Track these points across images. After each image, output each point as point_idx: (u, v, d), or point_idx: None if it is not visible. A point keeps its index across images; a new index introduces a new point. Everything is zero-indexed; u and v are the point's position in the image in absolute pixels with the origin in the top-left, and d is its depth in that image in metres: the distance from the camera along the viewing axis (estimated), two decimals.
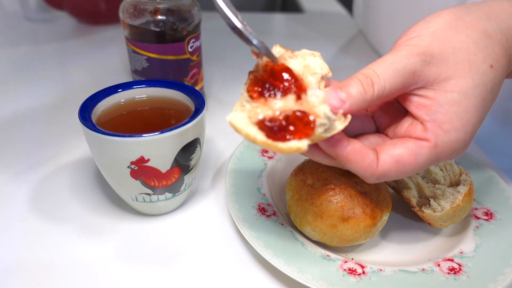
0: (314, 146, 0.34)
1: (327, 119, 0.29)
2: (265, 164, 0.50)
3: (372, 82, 0.30)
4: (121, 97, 0.44)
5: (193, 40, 0.56)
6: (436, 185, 0.42)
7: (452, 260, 0.39)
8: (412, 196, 0.42)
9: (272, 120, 0.30)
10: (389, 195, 0.41)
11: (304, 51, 0.35)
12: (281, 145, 0.28)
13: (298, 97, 0.31)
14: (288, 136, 0.29)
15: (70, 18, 0.96)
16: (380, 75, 0.31)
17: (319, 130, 0.29)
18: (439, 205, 0.40)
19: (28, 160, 0.53)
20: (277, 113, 0.30)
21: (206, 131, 0.44)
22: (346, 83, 0.31)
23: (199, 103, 0.41)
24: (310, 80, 0.32)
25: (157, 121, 0.45)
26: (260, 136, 0.29)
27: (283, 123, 0.29)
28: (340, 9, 1.15)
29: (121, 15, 0.55)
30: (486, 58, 0.31)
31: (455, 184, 0.42)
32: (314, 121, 0.29)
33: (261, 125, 0.29)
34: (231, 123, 0.29)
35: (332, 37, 0.95)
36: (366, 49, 0.89)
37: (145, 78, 0.57)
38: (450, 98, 0.31)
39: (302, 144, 0.28)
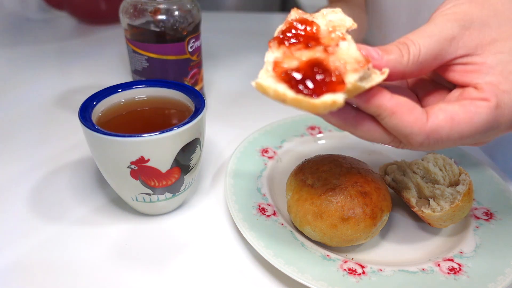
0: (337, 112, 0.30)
1: (358, 64, 0.27)
2: (265, 164, 0.50)
3: (408, 46, 0.29)
4: (121, 97, 0.44)
5: (193, 40, 0.56)
6: (436, 185, 0.42)
7: (452, 260, 0.39)
8: (411, 196, 0.42)
9: (299, 70, 0.27)
10: (389, 195, 0.41)
11: (324, 10, 0.32)
12: (314, 100, 0.26)
13: (325, 50, 0.28)
14: (323, 88, 0.26)
15: (70, 18, 0.96)
16: (414, 40, 0.29)
17: (353, 77, 0.27)
18: (438, 205, 0.40)
19: (28, 160, 0.53)
20: (301, 63, 0.27)
21: (206, 131, 0.44)
22: (384, 46, 0.30)
23: (199, 103, 0.41)
24: (337, 34, 0.30)
25: (157, 121, 0.45)
26: (290, 92, 0.26)
27: (315, 72, 0.27)
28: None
29: (121, 15, 0.55)
30: None
31: (454, 184, 0.42)
32: (344, 66, 0.27)
33: (288, 79, 0.27)
34: (258, 83, 0.27)
35: None
36: None
37: (145, 78, 0.57)
38: (500, 58, 0.29)
39: (338, 97, 0.26)
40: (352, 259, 0.39)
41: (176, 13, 0.53)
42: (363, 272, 0.37)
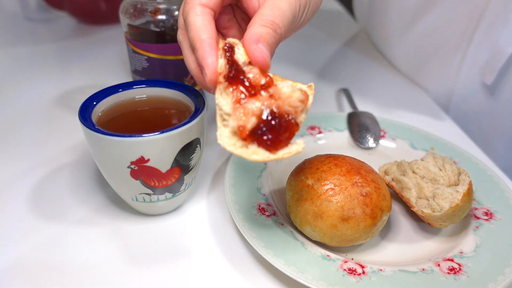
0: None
1: (303, 103, 0.32)
2: (265, 164, 0.50)
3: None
4: (121, 97, 0.44)
5: None
6: (435, 185, 0.42)
7: (452, 260, 0.39)
8: (411, 196, 0.42)
9: (261, 125, 0.31)
10: (389, 195, 0.41)
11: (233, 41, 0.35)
12: (285, 154, 0.31)
13: (271, 96, 0.32)
14: (284, 135, 0.31)
15: (70, 18, 0.96)
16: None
17: (303, 116, 0.32)
18: (438, 205, 0.40)
19: (28, 160, 0.53)
20: (259, 117, 0.32)
21: (206, 131, 0.44)
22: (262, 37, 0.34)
23: (199, 103, 0.41)
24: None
25: (157, 121, 0.45)
26: (266, 155, 0.31)
27: (273, 124, 0.31)
28: (339, 7, 1.15)
29: (121, 15, 0.55)
30: None
31: (454, 184, 0.42)
32: (295, 110, 0.32)
33: (256, 138, 0.31)
34: (241, 155, 0.31)
35: (332, 36, 0.94)
36: (367, 47, 0.89)
37: (145, 78, 0.57)
38: None
39: (300, 146, 0.32)
40: (352, 259, 0.39)
41: (176, 13, 0.53)
42: (363, 272, 0.37)
